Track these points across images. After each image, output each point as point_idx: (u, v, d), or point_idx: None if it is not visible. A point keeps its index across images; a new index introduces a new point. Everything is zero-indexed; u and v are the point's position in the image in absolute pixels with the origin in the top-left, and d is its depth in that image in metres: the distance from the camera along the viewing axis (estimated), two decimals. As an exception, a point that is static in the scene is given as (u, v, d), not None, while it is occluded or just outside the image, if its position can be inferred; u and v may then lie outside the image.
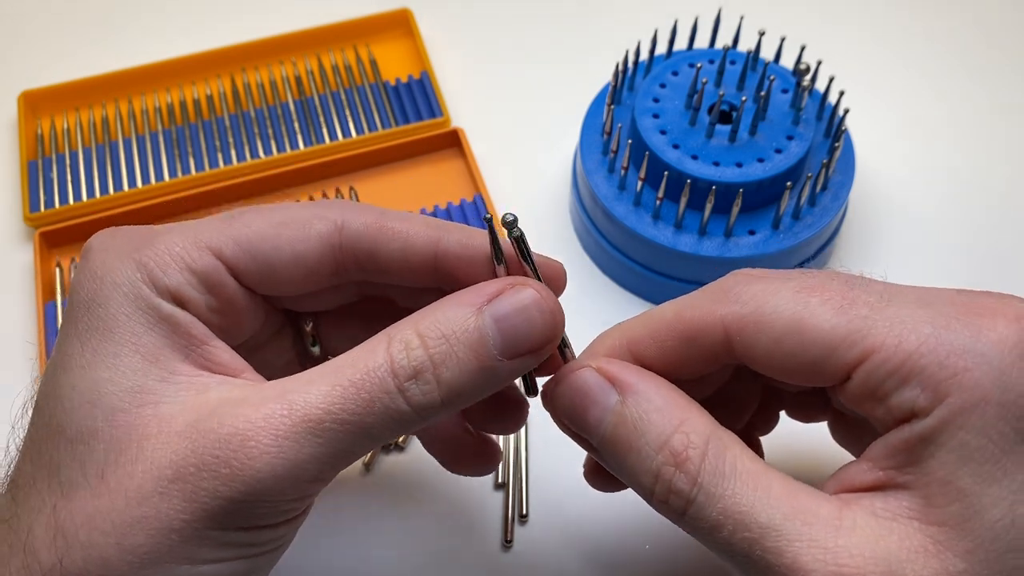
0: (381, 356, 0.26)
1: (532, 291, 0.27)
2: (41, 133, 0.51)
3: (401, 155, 0.50)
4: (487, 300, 0.27)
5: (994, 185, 0.50)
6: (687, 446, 0.26)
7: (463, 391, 0.26)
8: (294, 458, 0.25)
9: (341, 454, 0.26)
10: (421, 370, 0.26)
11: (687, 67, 0.44)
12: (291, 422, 0.25)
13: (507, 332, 0.26)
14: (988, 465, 0.24)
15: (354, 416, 0.25)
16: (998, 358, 0.24)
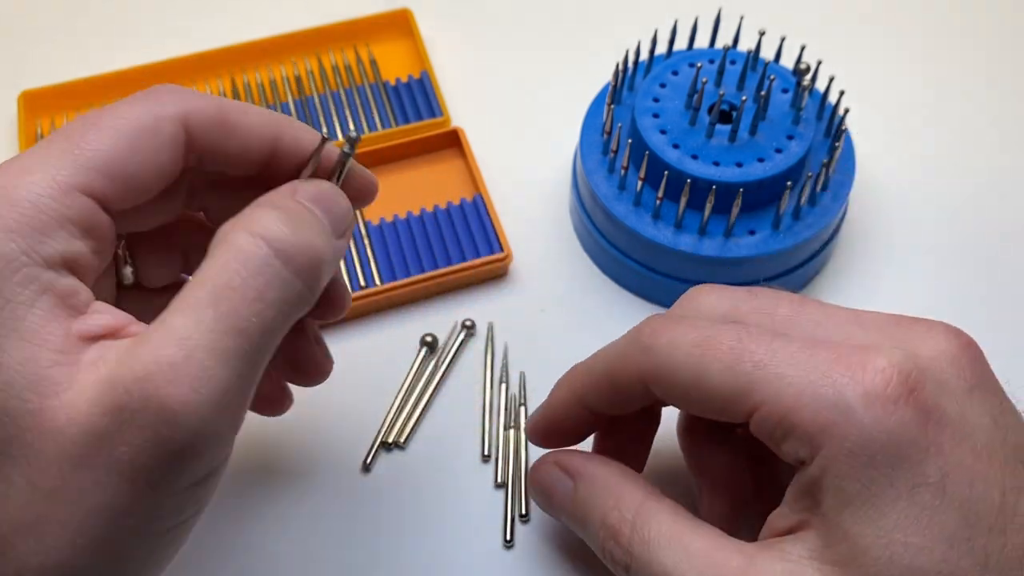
0: (251, 245, 0.26)
1: (318, 181, 0.30)
2: (41, 133, 0.50)
3: (401, 155, 0.50)
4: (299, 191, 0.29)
5: (995, 185, 0.49)
6: (620, 521, 0.31)
7: (326, 259, 0.28)
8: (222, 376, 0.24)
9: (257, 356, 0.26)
10: (309, 258, 0.27)
11: (687, 67, 0.44)
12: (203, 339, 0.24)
13: (325, 207, 0.29)
14: (864, 507, 0.26)
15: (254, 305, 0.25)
16: (861, 409, 0.26)
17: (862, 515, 0.26)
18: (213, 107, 0.29)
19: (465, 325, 0.44)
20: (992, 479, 0.27)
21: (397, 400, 0.42)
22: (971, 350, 0.29)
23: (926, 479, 0.26)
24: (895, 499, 0.26)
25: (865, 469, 0.26)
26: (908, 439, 0.26)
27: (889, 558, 0.26)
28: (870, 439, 0.26)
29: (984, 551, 0.26)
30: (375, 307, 0.45)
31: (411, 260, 0.46)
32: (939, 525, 0.26)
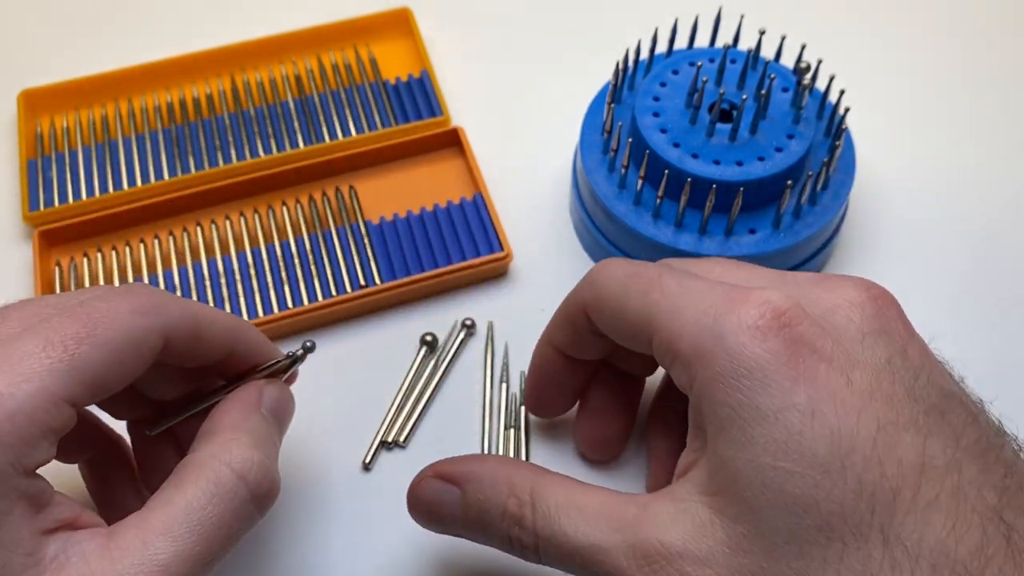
0: (228, 481, 0.29)
1: (276, 383, 0.35)
2: (40, 132, 0.50)
3: (401, 154, 0.50)
4: (259, 400, 0.33)
5: (995, 184, 0.49)
6: (519, 506, 0.31)
7: (278, 487, 0.32)
8: None
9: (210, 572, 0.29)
10: (267, 487, 0.31)
11: (687, 66, 0.44)
12: (180, 569, 0.27)
13: (278, 417, 0.34)
14: (734, 431, 0.27)
15: (225, 541, 0.29)
16: (732, 337, 0.27)
17: (733, 439, 0.27)
18: (189, 319, 0.31)
19: (465, 324, 0.44)
20: (869, 413, 0.26)
21: (397, 399, 0.42)
22: (879, 300, 0.29)
23: (794, 404, 0.26)
24: (762, 421, 0.26)
25: (733, 393, 0.27)
26: (776, 366, 0.27)
27: (762, 483, 0.26)
28: (737, 364, 0.27)
29: (858, 480, 0.26)
30: (375, 306, 0.45)
31: (411, 259, 0.46)
32: (810, 451, 0.26)
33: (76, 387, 0.28)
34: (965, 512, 0.25)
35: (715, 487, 0.28)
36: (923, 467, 0.26)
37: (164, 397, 0.35)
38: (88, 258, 0.46)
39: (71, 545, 0.27)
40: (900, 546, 0.25)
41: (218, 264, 0.46)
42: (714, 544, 0.27)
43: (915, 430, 0.26)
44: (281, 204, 0.48)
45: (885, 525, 0.25)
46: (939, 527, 0.25)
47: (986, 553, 0.24)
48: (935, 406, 0.27)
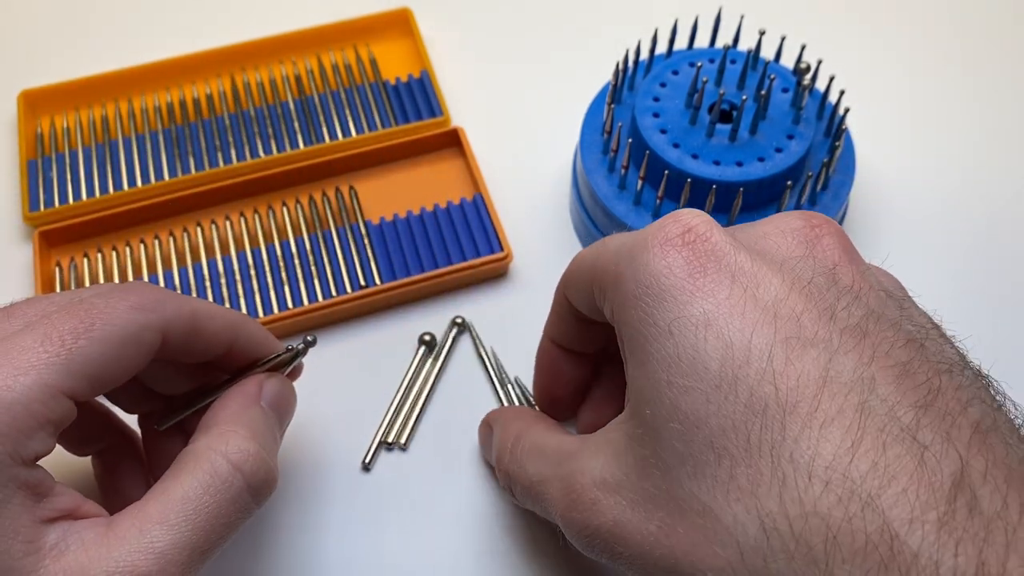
0: (224, 472, 0.30)
1: (278, 378, 0.35)
2: (41, 132, 0.50)
3: (401, 154, 0.50)
4: (259, 393, 0.34)
5: (995, 184, 0.49)
6: (502, 449, 0.35)
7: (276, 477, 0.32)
8: None
9: (207, 562, 0.30)
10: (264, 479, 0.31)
11: (687, 66, 0.44)
12: (176, 557, 0.28)
13: (278, 410, 0.34)
14: (636, 350, 0.27)
15: (222, 530, 0.30)
16: (639, 256, 0.27)
17: (636, 358, 0.27)
18: (187, 315, 0.32)
19: (456, 323, 0.44)
20: (770, 327, 0.25)
21: (396, 400, 0.42)
22: (818, 228, 0.29)
23: (688, 316, 0.26)
24: (657, 337, 0.26)
25: (635, 311, 0.27)
26: (674, 280, 0.26)
27: (658, 400, 0.26)
28: (639, 281, 0.27)
29: (750, 395, 0.24)
30: (375, 306, 0.45)
31: (411, 260, 0.46)
32: (702, 365, 0.25)
33: (73, 380, 0.28)
34: (869, 430, 0.23)
35: (630, 412, 0.27)
36: (825, 382, 0.24)
37: (172, 392, 0.36)
38: (88, 258, 0.46)
39: (71, 534, 0.27)
40: (791, 463, 0.23)
41: (218, 264, 0.46)
42: (626, 470, 0.27)
43: (823, 347, 0.25)
44: (281, 204, 0.48)
45: (776, 441, 0.24)
46: (836, 444, 0.23)
47: (888, 472, 0.22)
48: (856, 326, 0.26)
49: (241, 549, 0.38)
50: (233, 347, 0.34)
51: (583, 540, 0.28)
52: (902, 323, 0.26)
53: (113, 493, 0.36)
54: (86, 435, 0.36)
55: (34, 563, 0.27)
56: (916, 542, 0.21)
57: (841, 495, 0.22)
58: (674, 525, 0.25)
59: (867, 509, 0.22)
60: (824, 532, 0.22)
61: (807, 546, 0.22)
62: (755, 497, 0.23)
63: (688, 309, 0.26)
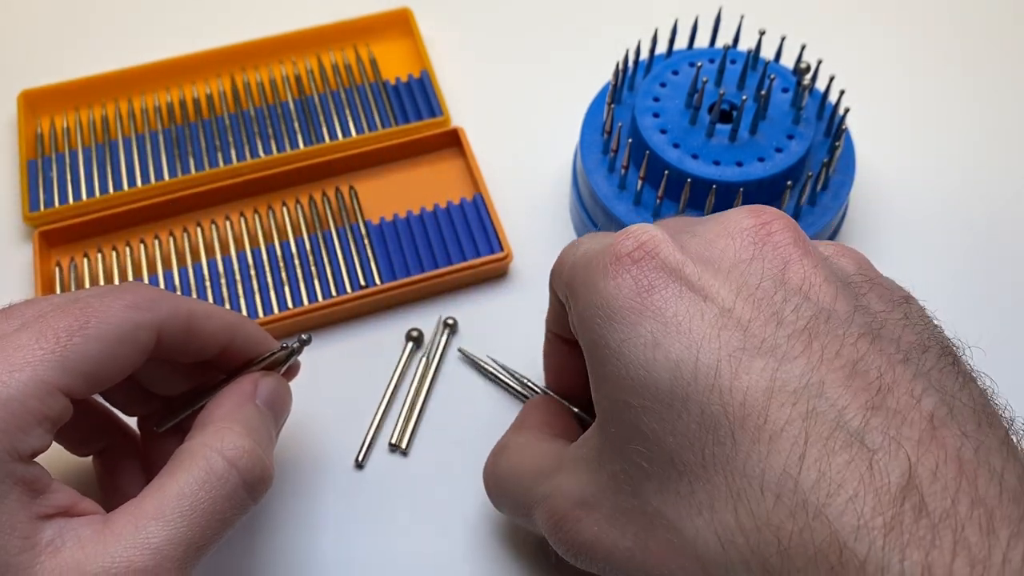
0: (220, 468, 0.30)
1: (274, 376, 0.35)
2: (41, 132, 0.50)
3: (401, 154, 0.50)
4: (254, 391, 0.34)
5: (995, 184, 0.49)
6: (489, 464, 0.35)
7: (271, 474, 0.32)
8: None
9: (203, 558, 0.30)
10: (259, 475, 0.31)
11: (687, 66, 0.44)
12: (172, 552, 0.28)
13: (273, 408, 0.34)
14: (595, 369, 0.27)
15: (218, 527, 0.30)
16: (591, 275, 0.28)
17: (595, 376, 0.27)
18: (183, 314, 0.32)
19: (447, 323, 0.44)
20: (716, 341, 0.25)
21: (385, 398, 0.42)
22: (768, 225, 0.28)
23: (637, 336, 0.26)
24: (609, 358, 0.26)
25: (590, 332, 0.27)
26: (623, 301, 0.27)
27: (620, 419, 0.26)
28: (590, 302, 0.28)
29: (701, 412, 0.24)
30: (375, 307, 0.45)
31: (411, 260, 0.46)
32: (653, 384, 0.25)
33: (69, 377, 0.28)
34: (817, 438, 0.23)
35: (597, 428, 0.28)
36: (772, 393, 0.24)
37: (170, 393, 0.36)
38: (88, 258, 0.46)
39: (67, 530, 0.28)
40: (744, 478, 0.23)
41: (218, 264, 0.46)
42: (601, 486, 0.28)
43: (770, 355, 0.25)
44: (281, 204, 0.48)
45: (729, 457, 0.24)
46: (784, 455, 0.23)
47: (835, 481, 0.22)
48: (805, 329, 0.25)
49: (235, 545, 0.38)
50: (229, 347, 0.34)
51: (571, 556, 0.29)
52: (855, 316, 0.26)
53: (113, 492, 0.36)
54: (86, 434, 0.36)
55: (30, 559, 0.27)
56: (863, 550, 0.21)
57: (792, 507, 0.23)
58: (646, 539, 0.26)
59: (816, 520, 0.22)
60: (776, 544, 0.23)
61: (762, 558, 0.23)
62: (713, 511, 0.24)
63: (637, 330, 0.26)
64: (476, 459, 0.40)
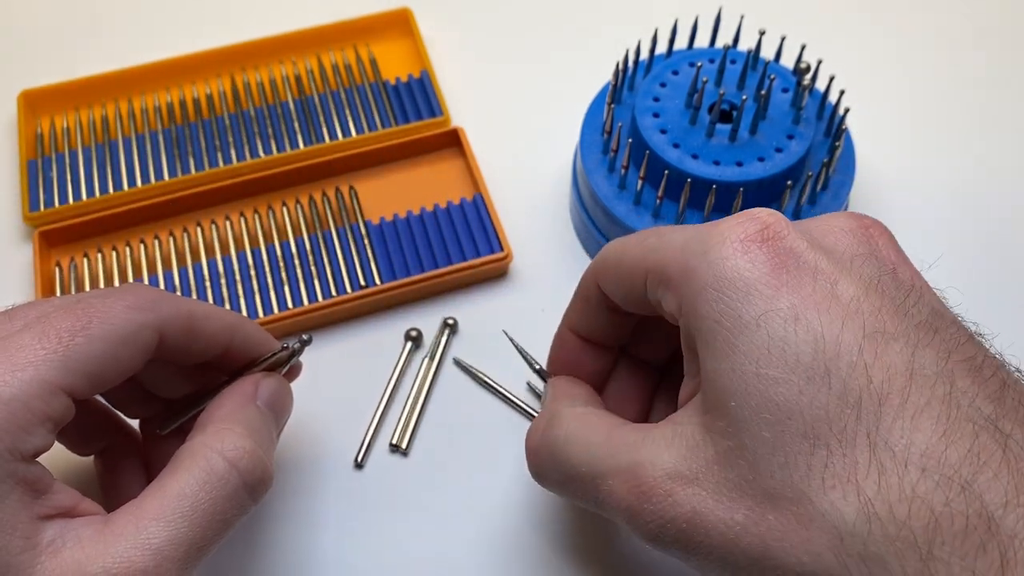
0: (220, 469, 0.30)
1: (275, 377, 0.35)
2: (41, 132, 0.50)
3: (401, 154, 0.50)
4: (255, 392, 0.34)
5: (995, 184, 0.49)
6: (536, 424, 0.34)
7: (272, 475, 0.33)
8: None
9: (204, 559, 0.30)
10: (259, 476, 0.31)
11: (687, 66, 0.44)
12: (173, 552, 0.28)
13: (274, 409, 0.35)
14: (718, 342, 0.27)
15: (218, 527, 0.30)
16: (715, 251, 0.28)
17: (718, 351, 0.27)
18: (184, 315, 0.32)
19: (447, 323, 0.44)
20: (856, 321, 0.26)
21: (384, 398, 0.42)
22: (871, 229, 0.29)
23: (777, 310, 0.26)
24: (744, 329, 0.26)
25: (716, 304, 0.27)
26: (758, 276, 0.27)
27: (746, 392, 0.26)
28: (719, 275, 0.27)
29: (844, 386, 0.25)
30: (375, 307, 0.45)
31: (411, 260, 0.46)
32: (793, 357, 0.25)
33: (71, 377, 0.28)
34: (957, 419, 0.24)
35: (706, 405, 0.27)
36: (912, 374, 0.25)
37: (172, 395, 0.36)
38: (88, 258, 0.46)
39: (68, 531, 0.28)
40: (888, 451, 0.24)
41: (218, 264, 0.46)
42: (704, 463, 0.27)
43: (904, 341, 0.26)
44: (281, 204, 0.48)
45: (871, 431, 0.24)
46: (928, 433, 0.24)
47: (980, 459, 0.24)
48: (926, 322, 0.27)
49: (236, 544, 0.38)
50: (230, 348, 0.34)
51: (654, 532, 0.28)
52: (956, 319, 0.28)
53: (114, 493, 0.36)
54: (87, 434, 0.36)
55: (31, 559, 0.27)
56: (1011, 524, 0.23)
57: (939, 481, 0.23)
58: (763, 513, 0.25)
59: (964, 494, 0.23)
60: (926, 516, 0.23)
61: (908, 530, 0.23)
62: (853, 484, 0.24)
63: (776, 303, 0.26)
64: (476, 459, 0.41)
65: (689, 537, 0.27)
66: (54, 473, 0.29)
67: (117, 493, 0.36)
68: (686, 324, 0.29)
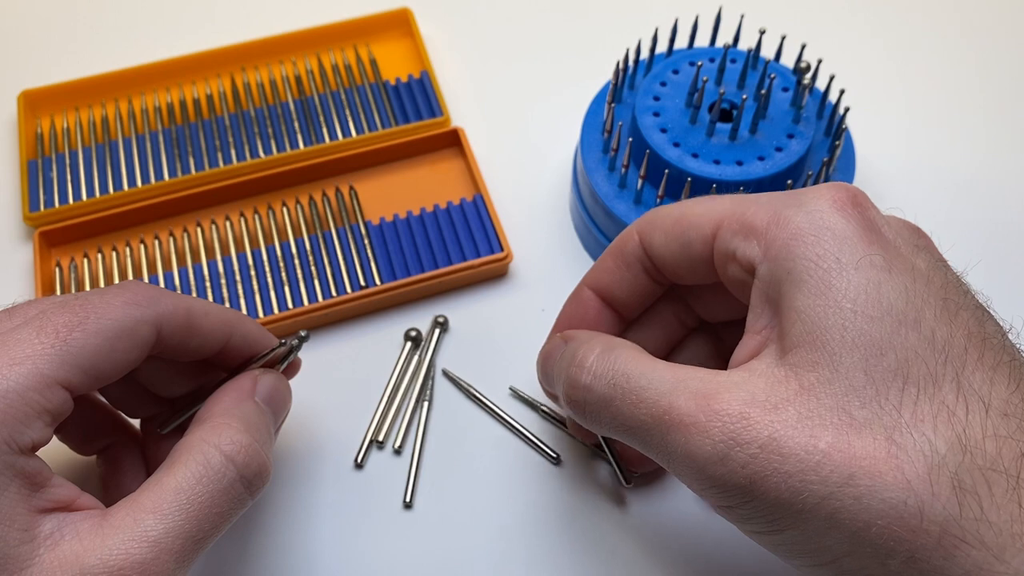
0: (217, 464, 0.31)
1: (273, 373, 0.36)
2: (41, 132, 0.50)
3: (401, 155, 0.50)
4: (253, 388, 0.34)
5: (995, 184, 0.49)
6: (586, 351, 0.32)
7: (269, 468, 0.33)
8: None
9: (202, 552, 0.30)
10: (256, 471, 0.32)
11: (688, 65, 0.44)
12: (171, 544, 0.29)
13: (272, 405, 0.35)
14: (814, 281, 0.28)
15: (215, 519, 0.30)
16: (812, 204, 0.29)
17: (814, 288, 0.28)
18: (182, 311, 0.32)
19: (438, 322, 0.44)
20: (930, 289, 0.28)
21: (384, 398, 0.42)
22: (920, 229, 0.32)
23: (872, 259, 0.28)
24: (843, 271, 0.28)
25: (815, 246, 0.28)
26: (852, 231, 0.29)
27: (842, 327, 0.27)
28: (819, 223, 0.29)
29: (932, 333, 0.27)
30: (375, 307, 0.45)
31: (411, 260, 0.46)
32: (887, 300, 0.27)
33: (68, 371, 0.29)
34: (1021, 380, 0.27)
35: (791, 343, 0.28)
36: (984, 338, 0.28)
37: (172, 394, 0.36)
38: (88, 259, 0.46)
39: (66, 524, 0.28)
40: (973, 394, 0.26)
41: (218, 265, 0.46)
42: (786, 394, 0.27)
43: (970, 313, 0.28)
44: (281, 205, 0.48)
45: (958, 375, 0.27)
46: (1004, 386, 0.27)
47: None
48: (979, 306, 0.29)
49: (235, 544, 0.38)
50: (229, 344, 0.34)
51: (719, 456, 0.27)
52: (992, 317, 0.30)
53: (116, 490, 0.36)
54: (89, 433, 0.36)
55: (30, 551, 0.27)
56: None
57: (1019, 426, 0.26)
58: (851, 441, 0.26)
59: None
60: (1014, 452, 0.26)
61: (998, 461, 0.25)
62: (944, 419, 0.26)
63: (870, 256, 0.28)
64: (475, 459, 0.41)
65: (760, 463, 0.27)
66: (55, 471, 0.29)
67: (119, 491, 0.36)
68: (771, 268, 0.29)
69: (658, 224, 0.34)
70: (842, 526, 0.26)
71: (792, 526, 0.27)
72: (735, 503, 0.28)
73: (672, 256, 0.34)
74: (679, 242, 0.33)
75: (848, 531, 0.26)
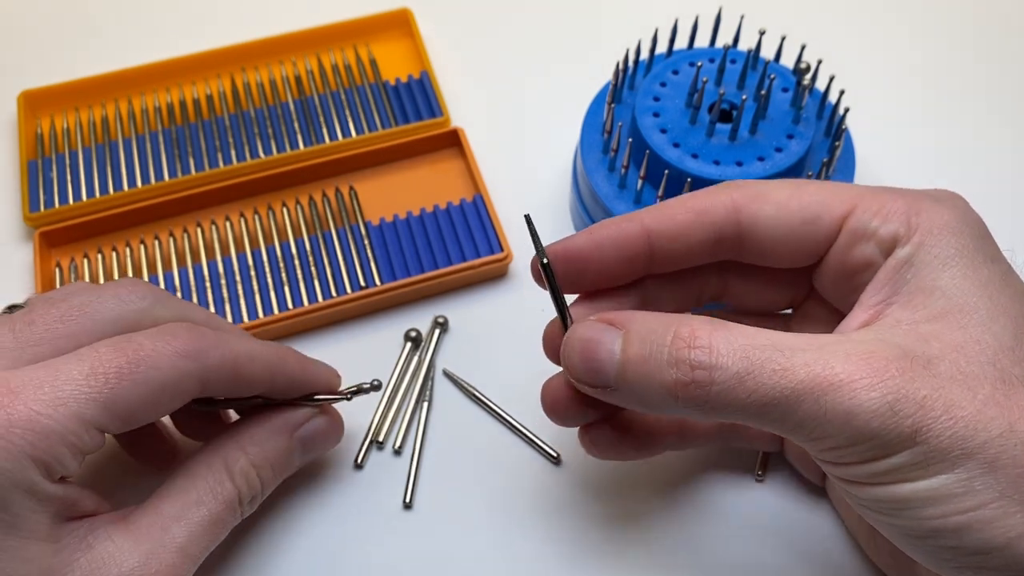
0: (228, 488, 0.34)
1: (326, 418, 0.38)
2: (41, 133, 0.51)
3: (401, 155, 0.50)
4: (297, 427, 0.37)
5: (994, 184, 0.49)
6: (693, 328, 0.29)
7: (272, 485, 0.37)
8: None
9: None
10: (256, 495, 0.36)
11: (687, 66, 0.44)
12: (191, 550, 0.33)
13: (307, 446, 0.38)
14: (960, 265, 0.31)
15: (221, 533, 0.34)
16: (951, 202, 0.32)
17: (959, 273, 0.30)
18: (228, 363, 0.33)
19: (438, 322, 0.44)
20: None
21: (385, 399, 0.42)
22: None
23: (999, 258, 0.32)
24: (983, 262, 0.31)
25: (958, 237, 0.31)
26: (986, 231, 0.32)
27: (991, 301, 0.30)
28: (961, 217, 0.32)
29: None
30: (375, 307, 0.45)
31: (411, 260, 0.46)
32: (1010, 292, 0.30)
33: (109, 418, 0.30)
34: None
35: (927, 315, 0.30)
36: None
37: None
38: (88, 259, 0.46)
39: (96, 528, 0.31)
40: None
41: (218, 265, 0.46)
42: (939, 350, 0.29)
43: None
44: (281, 205, 0.48)
45: None
46: None
47: None
48: None
49: (235, 544, 0.38)
50: (271, 387, 0.36)
51: (891, 411, 0.27)
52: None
53: (136, 442, 0.38)
54: None
55: (68, 558, 0.30)
56: None
57: None
58: (1006, 394, 0.28)
59: None
60: None
61: None
62: None
63: (998, 257, 0.32)
64: (475, 459, 0.41)
65: (925, 411, 0.27)
66: None
67: (139, 443, 0.39)
68: (913, 252, 0.31)
69: (770, 197, 0.33)
70: (1001, 472, 0.27)
71: (947, 470, 0.27)
72: (892, 452, 0.28)
73: (782, 229, 0.33)
74: (800, 216, 0.33)
75: (1008, 477, 0.27)
